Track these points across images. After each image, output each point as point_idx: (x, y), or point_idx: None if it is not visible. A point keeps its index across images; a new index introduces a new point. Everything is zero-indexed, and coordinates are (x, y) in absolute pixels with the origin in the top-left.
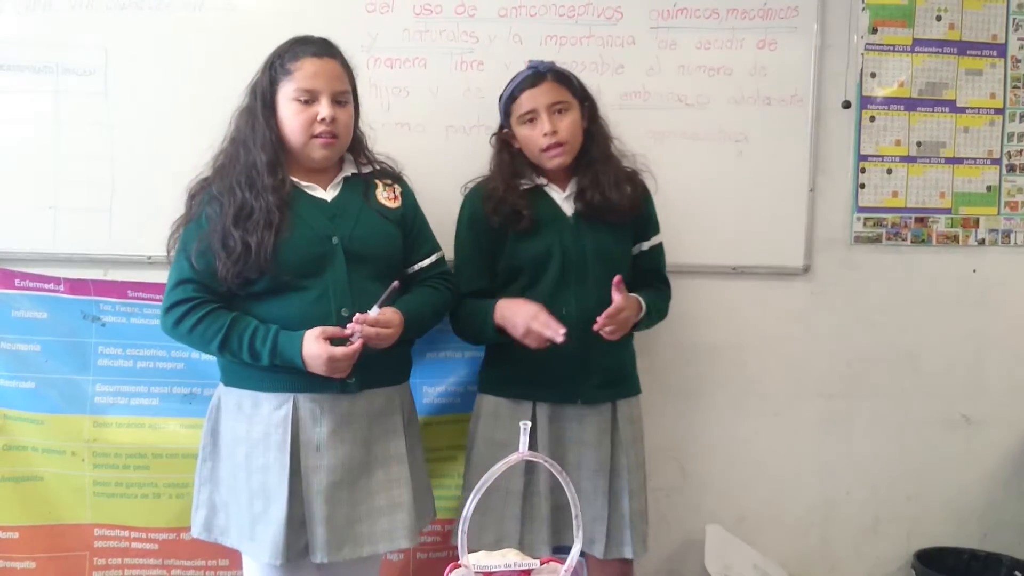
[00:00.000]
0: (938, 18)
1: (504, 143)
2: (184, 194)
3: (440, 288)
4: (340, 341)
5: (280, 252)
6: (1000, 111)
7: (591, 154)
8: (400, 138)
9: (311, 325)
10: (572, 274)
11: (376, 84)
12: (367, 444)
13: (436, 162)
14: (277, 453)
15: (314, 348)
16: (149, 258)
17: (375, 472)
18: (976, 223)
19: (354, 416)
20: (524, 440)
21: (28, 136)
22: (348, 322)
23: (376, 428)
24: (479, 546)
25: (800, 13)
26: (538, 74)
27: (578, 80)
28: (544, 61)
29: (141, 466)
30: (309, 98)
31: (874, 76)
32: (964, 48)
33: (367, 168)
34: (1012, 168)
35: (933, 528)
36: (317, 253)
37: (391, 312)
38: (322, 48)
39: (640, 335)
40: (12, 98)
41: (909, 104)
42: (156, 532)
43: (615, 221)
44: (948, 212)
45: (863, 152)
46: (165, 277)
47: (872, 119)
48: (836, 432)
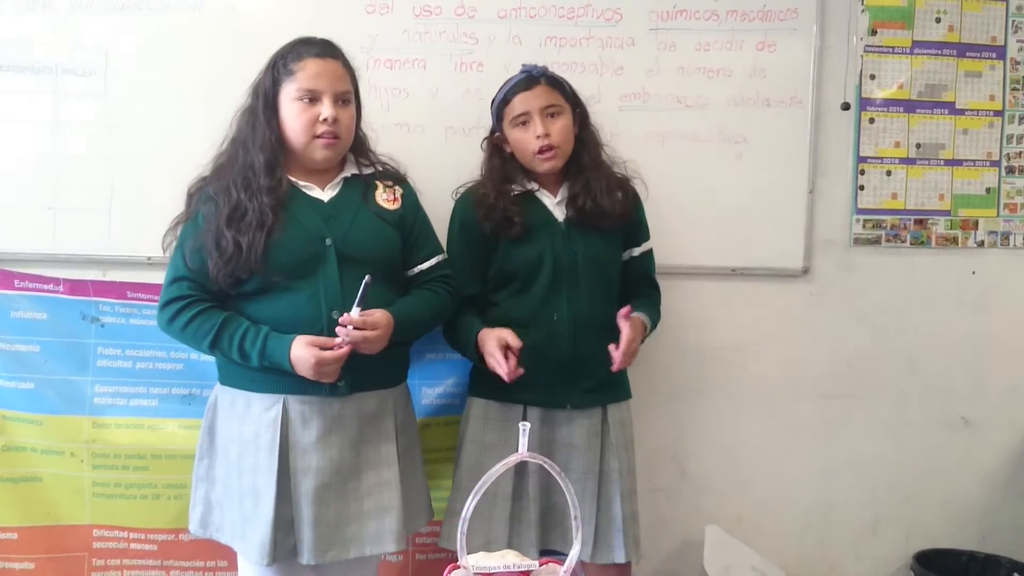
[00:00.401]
0: (937, 20)
1: (495, 147)
2: (184, 194)
3: (439, 291)
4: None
5: (271, 253)
6: (999, 113)
7: (582, 160)
8: (399, 139)
9: (302, 326)
10: (564, 280)
11: (375, 85)
12: (357, 447)
13: (435, 163)
14: (266, 454)
15: (302, 352)
16: (148, 259)
17: (364, 475)
18: (975, 225)
19: (344, 419)
20: (523, 441)
21: (28, 137)
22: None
23: (367, 431)
24: (467, 549)
25: (799, 15)
26: (531, 78)
27: (570, 86)
28: (537, 65)
29: (140, 467)
30: (312, 98)
31: (873, 78)
32: (963, 50)
33: (369, 169)
34: (1011, 170)
35: (932, 529)
36: (309, 254)
37: (380, 314)
38: (325, 49)
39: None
40: (12, 98)
41: (908, 106)
42: (155, 533)
43: (606, 227)
44: (947, 214)
45: (862, 154)
46: (164, 277)
47: (871, 121)
48: (835, 433)
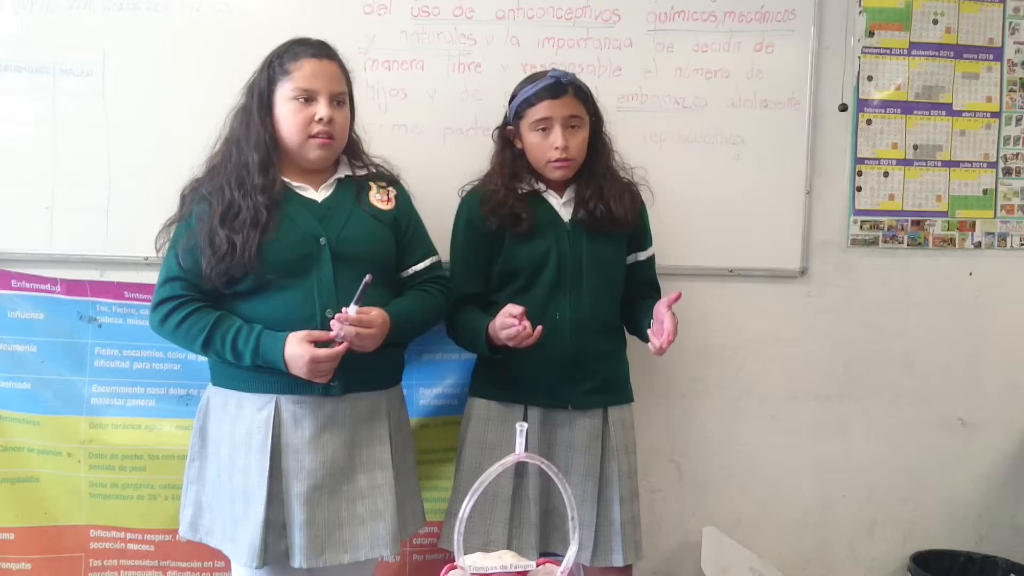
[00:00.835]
0: (935, 21)
1: (506, 141)
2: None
3: (434, 293)
4: (326, 345)
5: (266, 251)
6: (996, 114)
7: (594, 168)
8: (397, 140)
9: (296, 325)
10: (567, 280)
11: (373, 86)
12: (350, 449)
13: (433, 164)
14: (258, 455)
15: (296, 349)
16: (146, 259)
17: (358, 478)
18: (972, 226)
19: (337, 420)
20: (520, 442)
21: (25, 136)
22: None
23: (361, 432)
24: (466, 550)
25: (797, 16)
26: (560, 85)
27: (592, 97)
28: (567, 73)
29: (137, 467)
30: (307, 97)
31: (871, 79)
32: (961, 52)
33: (362, 171)
34: (1008, 171)
35: (929, 530)
36: (304, 253)
37: (375, 312)
38: (320, 49)
39: (637, 339)
40: (10, 98)
41: (906, 107)
42: (152, 533)
43: (615, 232)
44: (944, 215)
45: (860, 155)
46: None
47: (869, 122)
48: (833, 434)
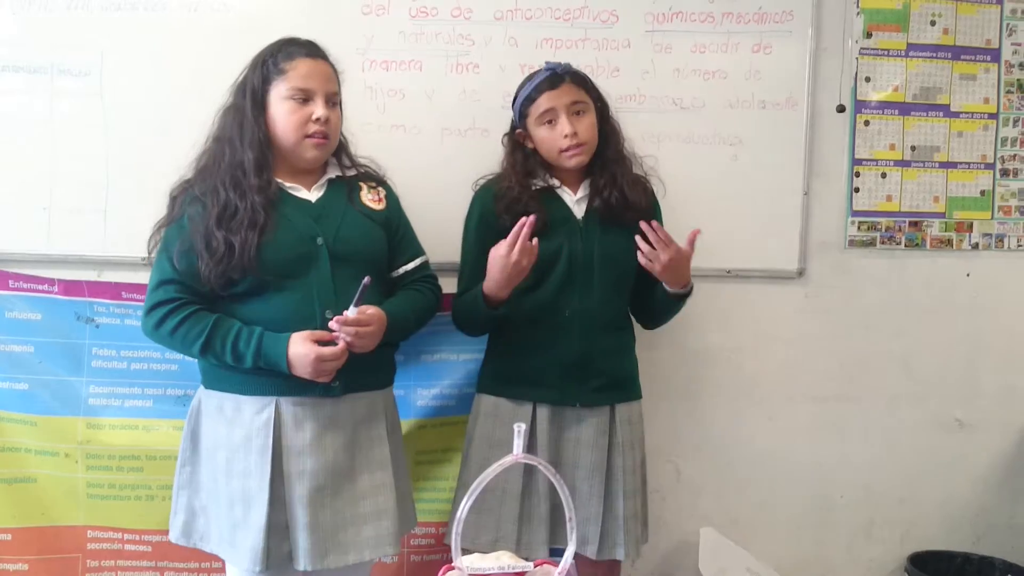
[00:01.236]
0: (932, 23)
1: (516, 143)
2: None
3: (424, 291)
4: (327, 345)
5: (264, 252)
6: (994, 116)
7: (606, 154)
8: (395, 140)
9: (295, 326)
10: (577, 277)
11: (371, 86)
12: (351, 449)
13: (431, 164)
14: (258, 458)
15: (301, 348)
16: (144, 259)
17: (359, 478)
18: (970, 227)
19: (338, 420)
20: (518, 443)
21: (23, 136)
22: None
23: (360, 433)
24: (476, 546)
25: (795, 17)
26: (556, 75)
27: (592, 82)
28: (561, 63)
29: (134, 468)
30: (304, 97)
31: (868, 80)
32: (958, 53)
33: (351, 171)
34: (1006, 172)
35: (926, 531)
36: (301, 253)
37: (373, 311)
38: (313, 50)
39: (637, 338)
40: (7, 98)
41: (903, 108)
42: (149, 534)
43: (631, 220)
44: (942, 216)
45: (857, 156)
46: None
47: (866, 123)
48: (830, 435)
